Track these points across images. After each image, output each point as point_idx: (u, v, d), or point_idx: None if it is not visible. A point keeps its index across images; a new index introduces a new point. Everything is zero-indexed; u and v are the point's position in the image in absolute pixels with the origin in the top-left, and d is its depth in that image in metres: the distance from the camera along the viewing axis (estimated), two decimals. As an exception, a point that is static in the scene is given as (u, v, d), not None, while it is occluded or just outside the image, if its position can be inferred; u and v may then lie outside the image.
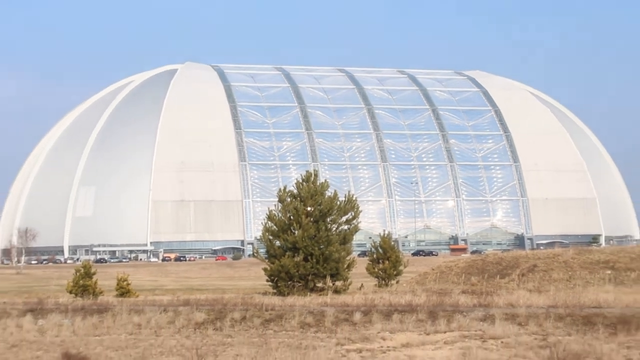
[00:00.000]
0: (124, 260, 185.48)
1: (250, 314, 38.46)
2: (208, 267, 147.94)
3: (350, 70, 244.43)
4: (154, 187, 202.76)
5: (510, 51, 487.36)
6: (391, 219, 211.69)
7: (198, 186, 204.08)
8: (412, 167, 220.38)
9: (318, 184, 56.85)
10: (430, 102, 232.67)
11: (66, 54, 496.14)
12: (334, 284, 54.66)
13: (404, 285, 63.41)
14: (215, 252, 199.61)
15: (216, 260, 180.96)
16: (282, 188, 58.38)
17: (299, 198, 56.11)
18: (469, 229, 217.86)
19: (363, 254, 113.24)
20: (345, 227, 57.13)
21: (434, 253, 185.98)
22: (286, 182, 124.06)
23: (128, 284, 57.25)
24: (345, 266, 55.51)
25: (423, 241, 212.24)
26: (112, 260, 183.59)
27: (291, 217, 55.46)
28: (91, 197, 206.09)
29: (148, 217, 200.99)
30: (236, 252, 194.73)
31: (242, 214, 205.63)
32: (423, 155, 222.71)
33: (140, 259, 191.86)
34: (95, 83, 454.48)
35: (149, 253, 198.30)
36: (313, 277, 54.21)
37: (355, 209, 57.92)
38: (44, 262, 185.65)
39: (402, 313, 36.96)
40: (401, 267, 63.70)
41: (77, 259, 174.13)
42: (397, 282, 63.15)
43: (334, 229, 56.25)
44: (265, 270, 55.92)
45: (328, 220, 55.89)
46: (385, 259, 62.97)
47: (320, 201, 55.76)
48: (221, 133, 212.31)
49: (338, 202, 56.79)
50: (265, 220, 57.26)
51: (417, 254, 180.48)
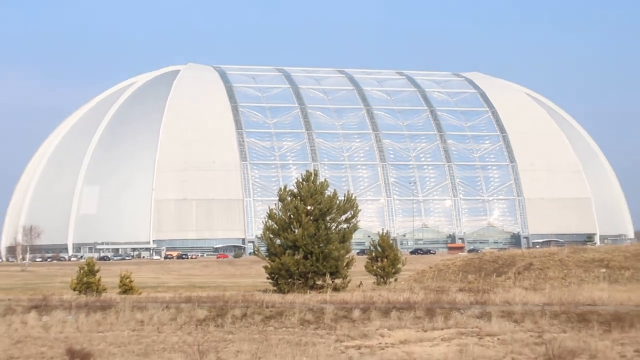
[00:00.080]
0: (127, 258, 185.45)
1: (251, 311, 38.46)
2: (210, 265, 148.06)
3: (349, 72, 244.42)
4: (156, 186, 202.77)
5: (507, 53, 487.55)
6: (390, 218, 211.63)
7: (200, 185, 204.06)
8: (411, 167, 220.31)
9: (318, 183, 56.81)
10: (428, 103, 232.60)
11: (72, 56, 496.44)
12: (333, 282, 54.62)
13: (402, 283, 63.37)
14: (216, 250, 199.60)
15: (218, 258, 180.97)
16: (282, 187, 58.33)
17: (299, 197, 56.08)
18: (466, 227, 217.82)
19: (362, 252, 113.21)
20: (345, 225, 57.07)
21: (431, 251, 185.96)
22: (286, 181, 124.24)
23: (131, 281, 57.27)
24: (345, 264, 55.46)
25: (421, 240, 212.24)
26: (115, 258, 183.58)
27: (291, 216, 55.44)
28: (95, 196, 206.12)
29: (151, 216, 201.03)
30: (237, 250, 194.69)
31: (243, 212, 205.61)
32: (421, 155, 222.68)
33: (143, 257, 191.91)
34: (99, 83, 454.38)
35: (151, 251, 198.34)
36: (313, 275, 54.18)
37: (355, 208, 57.87)
38: (49, 260, 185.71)
39: (400, 310, 36.97)
40: (399, 265, 63.63)
41: (81, 257, 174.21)
42: (396, 280, 63.10)
43: (334, 227, 56.20)
44: (265, 268, 55.91)
45: (328, 219, 55.85)
46: (384, 257, 62.92)
47: (320, 200, 55.72)
48: (223, 133, 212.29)
49: (337, 201, 56.74)
50: (266, 219, 57.22)
51: (415, 252, 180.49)
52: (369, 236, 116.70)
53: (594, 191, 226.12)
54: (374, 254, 63.85)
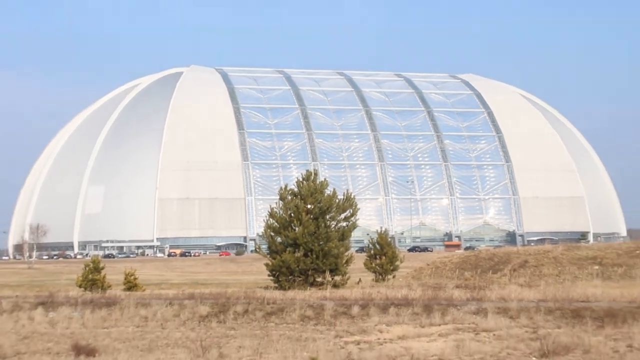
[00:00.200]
0: (131, 256, 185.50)
1: (253, 307, 38.45)
2: (212, 263, 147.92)
3: (349, 74, 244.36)
4: (160, 185, 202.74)
5: (502, 55, 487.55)
6: (388, 216, 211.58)
7: (202, 184, 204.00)
8: (408, 166, 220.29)
9: (318, 182, 56.77)
10: (425, 104, 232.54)
11: (77, 58, 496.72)
12: (333, 279, 54.58)
13: (400, 280, 63.30)
14: (219, 247, 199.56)
15: (220, 255, 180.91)
16: (283, 186, 58.27)
17: (299, 196, 56.05)
18: (462, 226, 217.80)
19: (361, 250, 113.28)
20: (344, 224, 57.02)
21: (429, 249, 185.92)
22: (287, 180, 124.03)
23: (135, 279, 57.15)
24: (344, 261, 55.42)
25: (418, 238, 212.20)
26: (119, 256, 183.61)
27: (292, 215, 55.41)
28: (100, 195, 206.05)
29: (154, 214, 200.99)
30: (239, 248, 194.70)
31: (244, 211, 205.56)
32: (419, 155, 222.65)
33: (147, 255, 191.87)
34: (104, 86, 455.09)
35: (155, 249, 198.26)
36: (313, 272, 54.14)
37: (354, 207, 57.83)
38: (55, 257, 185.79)
39: (399, 306, 36.95)
40: (397, 263, 63.57)
41: (87, 255, 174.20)
42: (394, 277, 63.04)
43: (333, 225, 56.16)
44: (267, 265, 55.88)
45: (327, 217, 55.81)
46: (382, 254, 62.85)
47: (319, 199, 55.69)
48: (225, 133, 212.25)
49: (337, 200, 56.69)
50: (267, 217, 57.18)
51: (412, 249, 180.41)
52: (367, 234, 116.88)
53: (588, 190, 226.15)
54: (372, 251, 63.79)
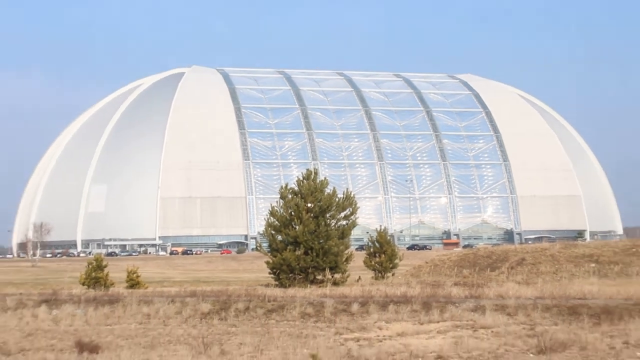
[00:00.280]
0: (134, 254, 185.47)
1: (254, 305, 38.46)
2: (214, 260, 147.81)
3: (348, 74, 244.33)
4: (162, 184, 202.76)
5: (500, 56, 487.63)
6: (387, 215, 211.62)
7: (204, 183, 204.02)
8: (407, 165, 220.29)
9: (318, 181, 56.78)
10: (424, 104, 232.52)
11: (81, 59, 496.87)
12: (333, 277, 54.60)
13: (399, 277, 63.31)
14: (220, 246, 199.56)
15: (221, 253, 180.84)
16: (283, 185, 58.30)
17: (299, 195, 56.06)
18: (461, 224, 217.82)
19: (360, 248, 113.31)
20: (344, 222, 57.04)
21: (427, 247, 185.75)
22: (288, 179, 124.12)
23: (138, 276, 57.14)
24: (344, 259, 55.44)
25: (417, 236, 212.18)
26: (122, 254, 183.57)
27: (292, 213, 55.41)
28: (103, 194, 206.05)
29: (157, 213, 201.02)
30: (240, 246, 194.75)
31: (246, 210, 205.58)
32: (417, 155, 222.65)
33: (149, 253, 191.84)
34: (107, 86, 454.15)
35: (157, 247, 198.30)
36: (313, 270, 54.16)
37: (353, 205, 57.84)
38: (58, 256, 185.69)
39: (398, 304, 36.96)
40: (397, 261, 63.55)
41: (90, 253, 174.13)
42: (393, 275, 63.04)
43: (333, 224, 56.17)
44: (267, 263, 55.88)
45: (327, 216, 55.82)
46: (382, 252, 62.85)
47: (320, 198, 55.70)
48: (226, 133, 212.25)
49: (337, 199, 56.69)
50: (268, 216, 57.20)
51: (411, 248, 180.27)
52: (367, 232, 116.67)
53: (584, 189, 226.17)
54: (372, 249, 63.79)
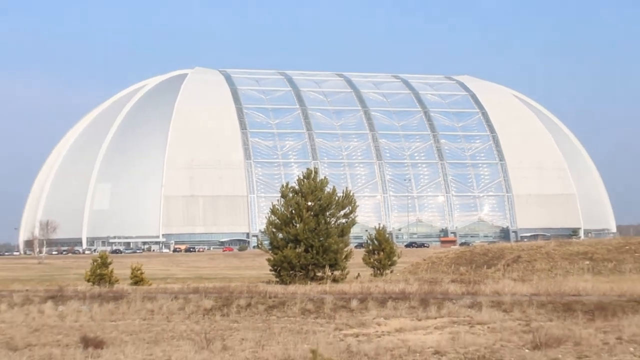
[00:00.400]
0: (138, 251, 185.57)
1: (255, 301, 38.45)
2: (216, 258, 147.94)
3: (348, 75, 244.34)
4: (165, 183, 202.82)
5: (497, 57, 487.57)
6: (386, 213, 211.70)
7: (207, 182, 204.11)
8: (405, 165, 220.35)
9: (318, 180, 56.70)
10: (422, 105, 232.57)
11: (86, 60, 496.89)
12: (332, 274, 54.53)
13: (398, 274, 63.26)
14: (222, 243, 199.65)
15: (223, 251, 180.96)
16: (284, 184, 58.24)
17: (300, 193, 56.00)
18: (458, 222, 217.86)
19: (360, 246, 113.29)
20: (343, 220, 56.94)
21: (425, 245, 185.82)
22: (288, 178, 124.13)
23: (142, 273, 57.11)
24: (343, 257, 55.37)
25: (415, 234, 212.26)
26: (126, 251, 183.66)
27: (293, 211, 55.34)
28: (108, 193, 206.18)
29: (160, 211, 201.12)
30: (242, 244, 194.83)
31: (247, 208, 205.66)
32: (415, 154, 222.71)
33: (153, 250, 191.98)
34: (112, 86, 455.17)
35: (161, 244, 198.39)
36: (313, 267, 54.10)
37: (353, 204, 57.76)
38: (64, 253, 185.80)
39: (396, 300, 36.95)
40: (395, 258, 63.47)
41: (95, 250, 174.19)
42: (391, 272, 62.97)
43: (333, 222, 56.08)
44: (268, 260, 55.84)
45: (327, 214, 55.74)
46: (380, 250, 62.78)
47: (320, 196, 55.63)
48: (228, 133, 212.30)
49: (336, 198, 56.62)
50: (269, 214, 57.11)
51: (409, 245, 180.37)
52: (366, 230, 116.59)
53: (579, 188, 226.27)
54: (371, 247, 63.71)
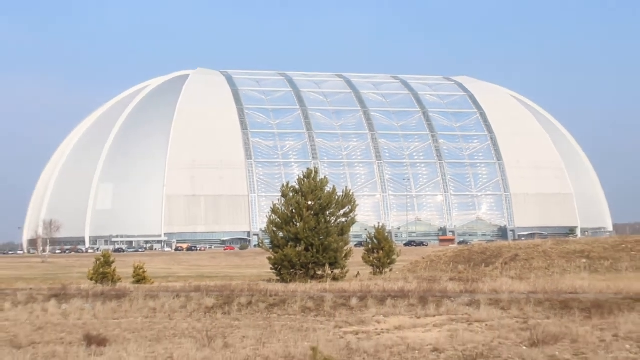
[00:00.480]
0: (140, 250, 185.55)
1: (256, 299, 38.44)
2: (217, 256, 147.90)
3: (347, 76, 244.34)
4: (167, 183, 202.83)
5: (495, 58, 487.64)
6: (385, 212, 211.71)
7: (208, 182, 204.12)
8: (404, 164, 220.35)
9: (318, 180, 56.70)
10: (421, 105, 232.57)
11: (89, 61, 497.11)
12: (332, 272, 54.52)
13: (397, 273, 63.25)
14: (223, 242, 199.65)
15: (225, 250, 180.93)
16: (285, 184, 58.23)
17: (300, 193, 55.99)
18: (456, 221, 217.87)
19: (359, 244, 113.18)
20: (343, 219, 56.93)
21: (424, 243, 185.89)
22: (289, 178, 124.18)
23: (144, 272, 57.04)
24: (343, 255, 55.35)
25: (414, 232, 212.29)
26: (129, 250, 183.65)
27: (293, 211, 55.34)
28: (110, 192, 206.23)
29: (162, 211, 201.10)
30: (243, 243, 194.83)
31: (248, 207, 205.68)
32: (414, 154, 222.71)
33: (155, 249, 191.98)
34: (114, 87, 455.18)
35: (163, 243, 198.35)
36: (313, 266, 54.09)
37: (352, 203, 57.75)
38: (67, 252, 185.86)
39: (395, 298, 36.93)
40: (394, 257, 63.44)
41: (97, 249, 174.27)
42: (391, 270, 62.97)
43: (333, 221, 56.06)
44: (269, 259, 55.83)
45: (327, 213, 55.73)
46: (380, 249, 62.75)
47: (320, 196, 55.63)
48: (229, 133, 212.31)
49: (336, 197, 56.61)
50: (270, 214, 57.10)
51: (408, 244, 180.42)
52: (365, 229, 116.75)
53: (576, 187, 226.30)
54: (370, 246, 63.68)
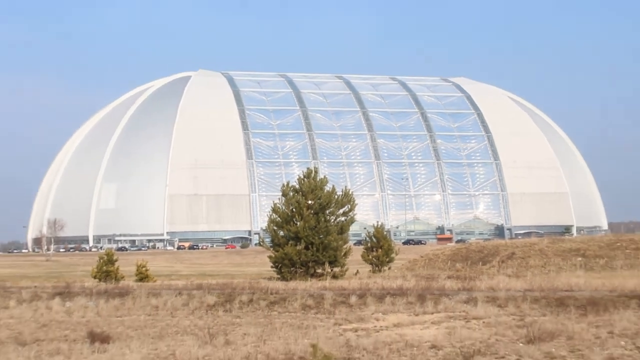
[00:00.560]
0: (143, 249, 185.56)
1: (257, 297, 38.44)
2: (219, 255, 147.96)
3: (347, 77, 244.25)
4: (170, 182, 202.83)
5: (492, 60, 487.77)
6: (384, 211, 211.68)
7: (210, 182, 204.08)
8: (403, 164, 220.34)
9: (318, 179, 56.71)
10: (419, 106, 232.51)
11: (92, 63, 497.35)
12: (332, 270, 54.54)
13: (396, 271, 63.25)
14: (225, 241, 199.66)
15: (226, 248, 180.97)
16: (285, 183, 58.26)
17: (300, 192, 56.01)
18: (454, 220, 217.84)
19: (358, 243, 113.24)
20: (343, 218, 56.95)
21: (422, 242, 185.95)
22: (289, 178, 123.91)
23: (147, 270, 57.08)
24: (343, 254, 55.37)
25: (412, 231, 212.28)
26: (132, 249, 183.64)
27: (293, 210, 55.36)
28: (114, 192, 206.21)
29: (165, 210, 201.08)
30: (244, 241, 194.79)
31: (249, 206, 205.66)
32: (412, 154, 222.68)
33: (158, 248, 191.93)
34: (117, 88, 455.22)
35: (165, 242, 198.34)
36: (313, 264, 54.10)
37: (352, 202, 57.77)
38: (71, 250, 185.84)
39: (394, 296, 36.93)
40: (393, 255, 63.50)
41: (101, 248, 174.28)
42: (389, 269, 62.98)
43: (332, 220, 56.08)
44: (270, 257, 55.85)
45: (327, 212, 55.75)
46: (379, 247, 62.78)
47: (319, 195, 55.64)
48: (230, 134, 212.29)
49: (336, 196, 56.63)
50: (270, 213, 57.13)
51: (407, 243, 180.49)
52: (364, 228, 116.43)
53: (571, 186, 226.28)
54: (369, 244, 63.72)
